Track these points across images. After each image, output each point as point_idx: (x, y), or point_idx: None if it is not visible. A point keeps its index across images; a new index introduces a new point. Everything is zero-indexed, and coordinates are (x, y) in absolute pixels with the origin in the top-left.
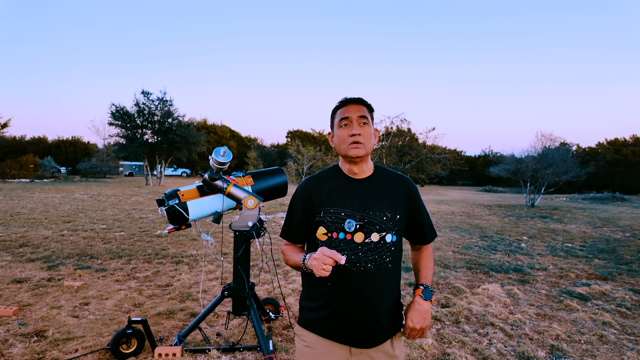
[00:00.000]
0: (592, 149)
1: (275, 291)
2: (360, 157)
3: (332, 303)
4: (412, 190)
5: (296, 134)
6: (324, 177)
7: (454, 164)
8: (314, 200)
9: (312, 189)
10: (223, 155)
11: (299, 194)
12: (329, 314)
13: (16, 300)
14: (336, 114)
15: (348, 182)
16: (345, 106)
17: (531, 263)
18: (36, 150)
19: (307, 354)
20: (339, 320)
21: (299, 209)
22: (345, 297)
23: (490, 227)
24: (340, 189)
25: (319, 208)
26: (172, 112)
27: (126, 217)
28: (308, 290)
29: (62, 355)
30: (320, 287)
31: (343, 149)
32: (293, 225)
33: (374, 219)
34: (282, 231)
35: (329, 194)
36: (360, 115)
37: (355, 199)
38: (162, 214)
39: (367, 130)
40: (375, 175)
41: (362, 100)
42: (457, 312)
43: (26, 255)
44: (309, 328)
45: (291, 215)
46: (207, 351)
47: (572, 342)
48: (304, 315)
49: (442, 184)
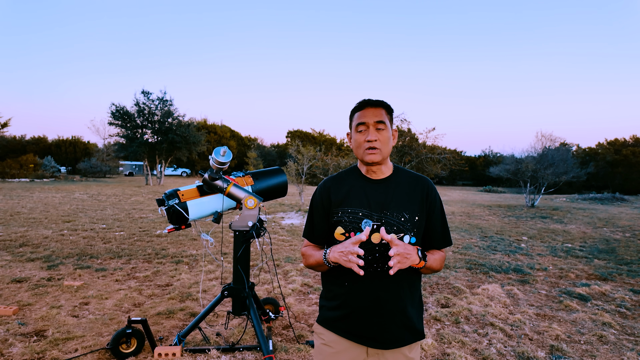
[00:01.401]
0: (592, 149)
1: (275, 291)
2: (376, 162)
3: (349, 303)
4: (430, 192)
5: (296, 134)
6: (342, 177)
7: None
8: (332, 200)
9: (330, 189)
10: (223, 155)
11: (318, 194)
12: (346, 314)
13: (16, 299)
14: (354, 117)
15: (366, 183)
16: (362, 110)
17: (531, 263)
18: (36, 150)
19: (324, 351)
20: (355, 320)
21: (319, 208)
22: (361, 297)
23: (490, 227)
24: (358, 189)
25: (337, 208)
26: (172, 112)
27: (126, 216)
28: (327, 289)
29: (62, 354)
30: (338, 287)
31: (360, 154)
32: (315, 224)
33: (391, 219)
34: (304, 231)
35: (346, 194)
36: (377, 120)
37: (373, 200)
38: (162, 213)
39: (384, 135)
40: (394, 176)
41: (380, 103)
42: (457, 312)
43: (26, 254)
44: (327, 327)
45: (312, 215)
46: (207, 351)
47: (571, 343)
48: (323, 313)
49: (442, 184)
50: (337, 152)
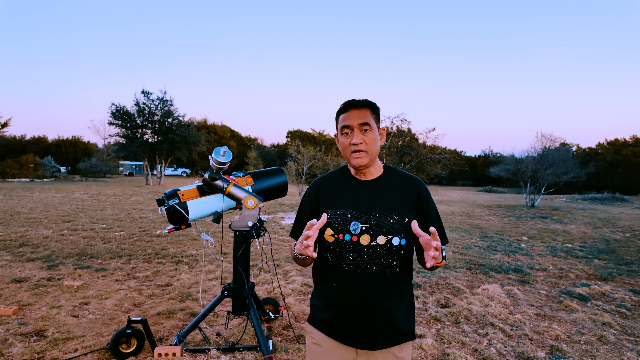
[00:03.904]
0: (592, 150)
1: (275, 291)
2: (363, 165)
3: (338, 304)
4: (421, 192)
5: (296, 134)
6: (332, 178)
7: (454, 164)
8: (321, 201)
9: (319, 190)
10: (223, 155)
11: (307, 195)
12: (335, 315)
13: (16, 299)
14: (339, 119)
15: (355, 184)
16: (347, 112)
17: (531, 263)
18: (36, 150)
19: (314, 350)
20: (344, 321)
21: (307, 209)
22: (349, 298)
23: (490, 228)
24: (347, 191)
25: (326, 209)
26: (172, 112)
27: (126, 216)
28: (317, 289)
29: (61, 354)
30: (327, 287)
31: (346, 157)
32: (301, 225)
33: (380, 221)
34: (291, 231)
35: (335, 195)
36: (361, 122)
37: (362, 201)
38: (162, 213)
39: (369, 136)
40: (384, 177)
41: (364, 103)
42: (457, 312)
43: (26, 254)
44: (317, 326)
45: (300, 215)
46: (207, 351)
47: (571, 343)
48: (313, 313)
49: (442, 184)
50: (337, 152)
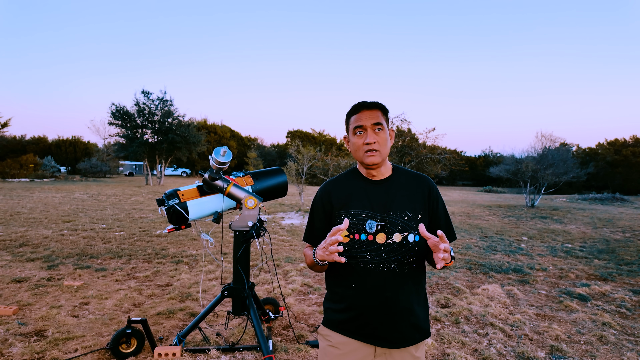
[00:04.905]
0: (592, 150)
1: (275, 291)
2: (377, 163)
3: (357, 304)
4: (432, 190)
5: (296, 134)
6: (342, 180)
7: (454, 164)
8: (334, 203)
9: (331, 192)
10: (223, 155)
11: (319, 198)
12: (355, 315)
13: (16, 299)
14: (350, 120)
15: (367, 184)
16: (359, 112)
17: (531, 263)
18: (36, 150)
19: (330, 353)
20: (364, 321)
21: (320, 212)
22: (369, 297)
23: (490, 228)
24: (360, 191)
25: (339, 210)
26: (172, 112)
27: (126, 216)
28: (332, 292)
29: (61, 354)
30: (345, 288)
31: (359, 157)
32: (315, 228)
33: (395, 219)
34: (304, 235)
35: (348, 196)
36: (374, 122)
37: (375, 200)
38: (162, 213)
39: (382, 136)
40: (394, 176)
41: (376, 105)
42: (457, 312)
43: (26, 254)
44: (334, 328)
45: (312, 218)
46: (207, 351)
47: (571, 343)
48: (329, 316)
49: (442, 184)
50: (337, 152)
